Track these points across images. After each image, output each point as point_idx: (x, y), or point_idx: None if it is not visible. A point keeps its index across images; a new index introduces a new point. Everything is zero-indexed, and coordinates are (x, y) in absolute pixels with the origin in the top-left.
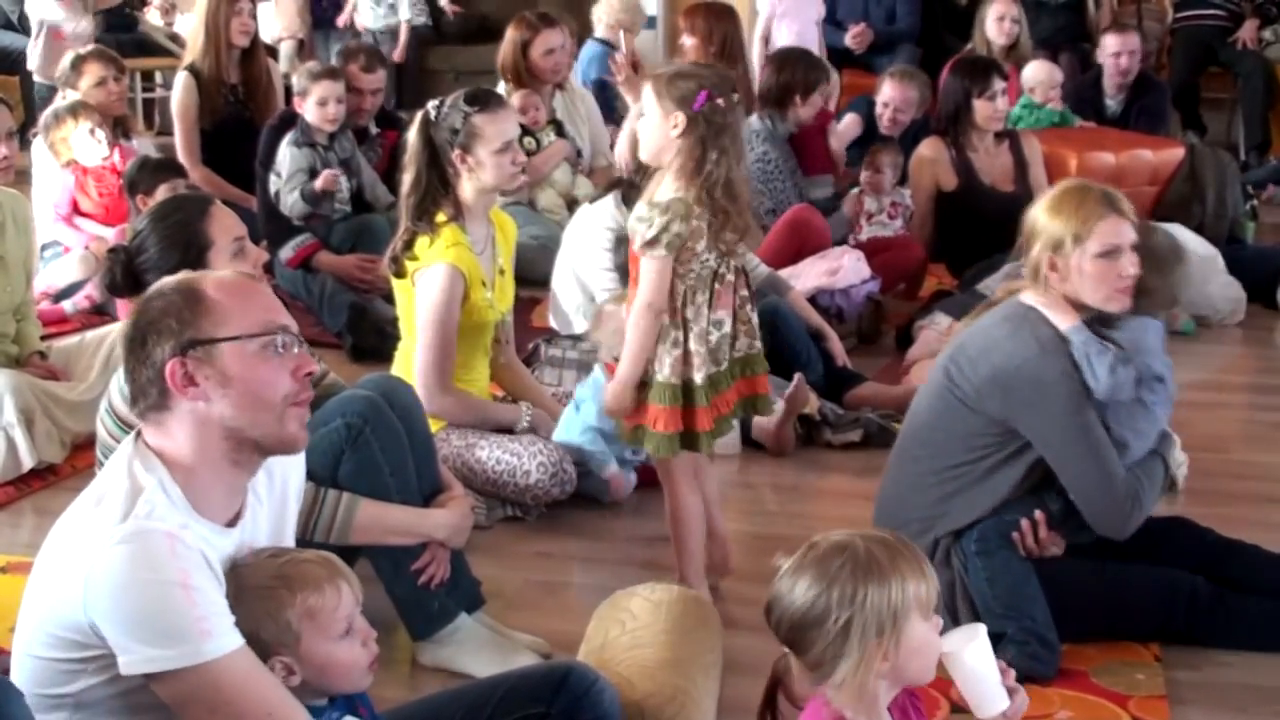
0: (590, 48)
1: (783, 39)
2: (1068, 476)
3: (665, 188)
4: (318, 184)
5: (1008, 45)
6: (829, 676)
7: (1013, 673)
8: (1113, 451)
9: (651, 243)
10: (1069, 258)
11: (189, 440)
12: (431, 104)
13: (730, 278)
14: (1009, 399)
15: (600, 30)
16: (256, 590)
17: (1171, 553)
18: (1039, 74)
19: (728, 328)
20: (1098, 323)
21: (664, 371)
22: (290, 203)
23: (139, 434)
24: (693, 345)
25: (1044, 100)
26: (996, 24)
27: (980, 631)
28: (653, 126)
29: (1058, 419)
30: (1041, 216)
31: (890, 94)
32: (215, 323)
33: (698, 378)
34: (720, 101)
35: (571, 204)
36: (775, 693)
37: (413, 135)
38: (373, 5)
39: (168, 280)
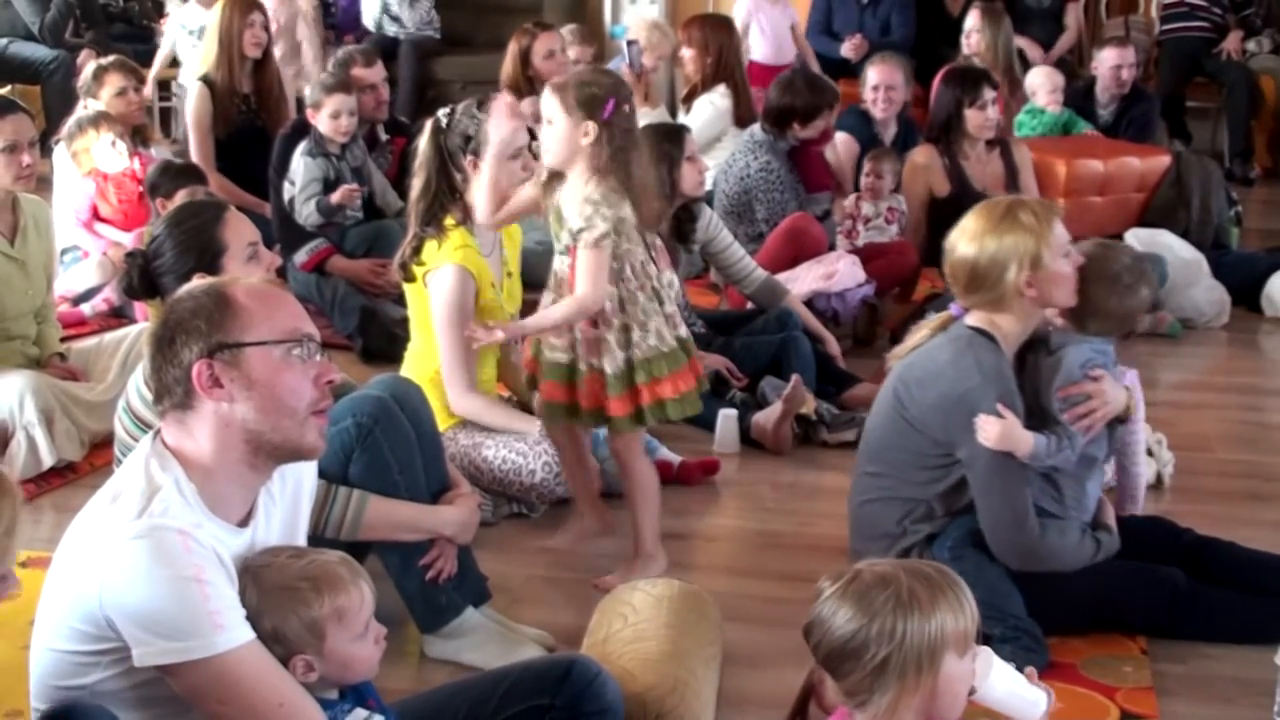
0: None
1: (757, 49)
2: (981, 506)
3: (585, 187)
4: (335, 198)
5: (975, 55)
6: (864, 707)
7: (1032, 671)
8: (1028, 501)
9: (603, 236)
10: (1046, 269)
11: (209, 440)
12: (442, 111)
13: (653, 254)
14: (948, 423)
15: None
16: (283, 590)
17: (1149, 550)
18: (1038, 79)
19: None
20: (1038, 347)
21: (658, 339)
22: (306, 214)
23: (157, 433)
24: (668, 308)
25: (1046, 104)
26: (964, 37)
27: (989, 655)
28: (562, 135)
29: (984, 449)
30: (992, 243)
31: (878, 76)
32: (242, 327)
33: (681, 332)
34: (626, 107)
35: None
36: (808, 699)
37: (423, 142)
38: (374, 12)
39: (198, 284)
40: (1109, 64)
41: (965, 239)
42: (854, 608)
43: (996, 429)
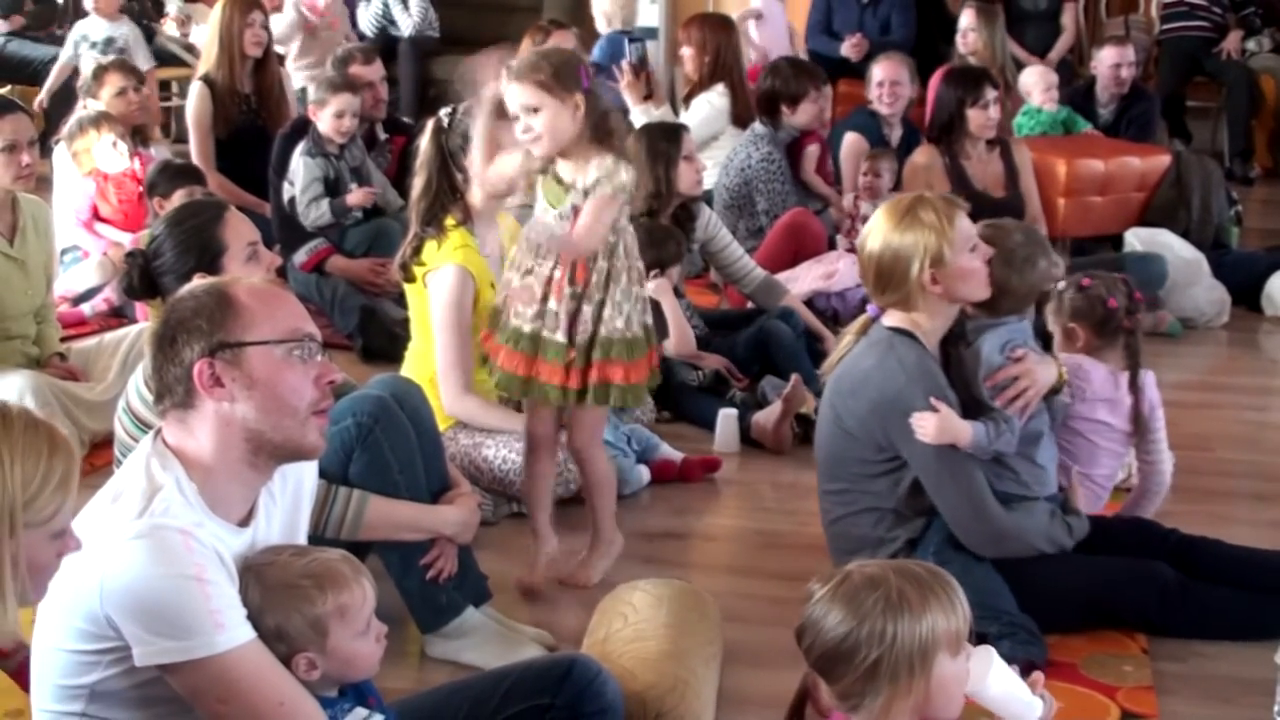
0: (613, 40)
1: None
2: (939, 503)
3: (593, 156)
4: (351, 200)
5: (970, 54)
6: (857, 710)
7: (1039, 678)
8: (983, 488)
9: (620, 189)
10: (949, 265)
11: (210, 440)
12: (444, 111)
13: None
14: (887, 427)
15: (610, 26)
16: (286, 588)
17: (1137, 553)
18: (1031, 78)
19: None
20: (958, 340)
21: (626, 324)
22: (315, 215)
23: (158, 433)
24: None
25: (1041, 103)
26: (959, 36)
27: (991, 655)
28: (553, 118)
29: (928, 446)
30: (895, 240)
31: (883, 72)
32: (244, 326)
33: (649, 318)
34: (590, 70)
35: None
36: (804, 703)
37: (425, 141)
38: (373, 18)
39: (199, 283)
40: (1108, 63)
41: (871, 237)
42: (844, 610)
43: (933, 424)
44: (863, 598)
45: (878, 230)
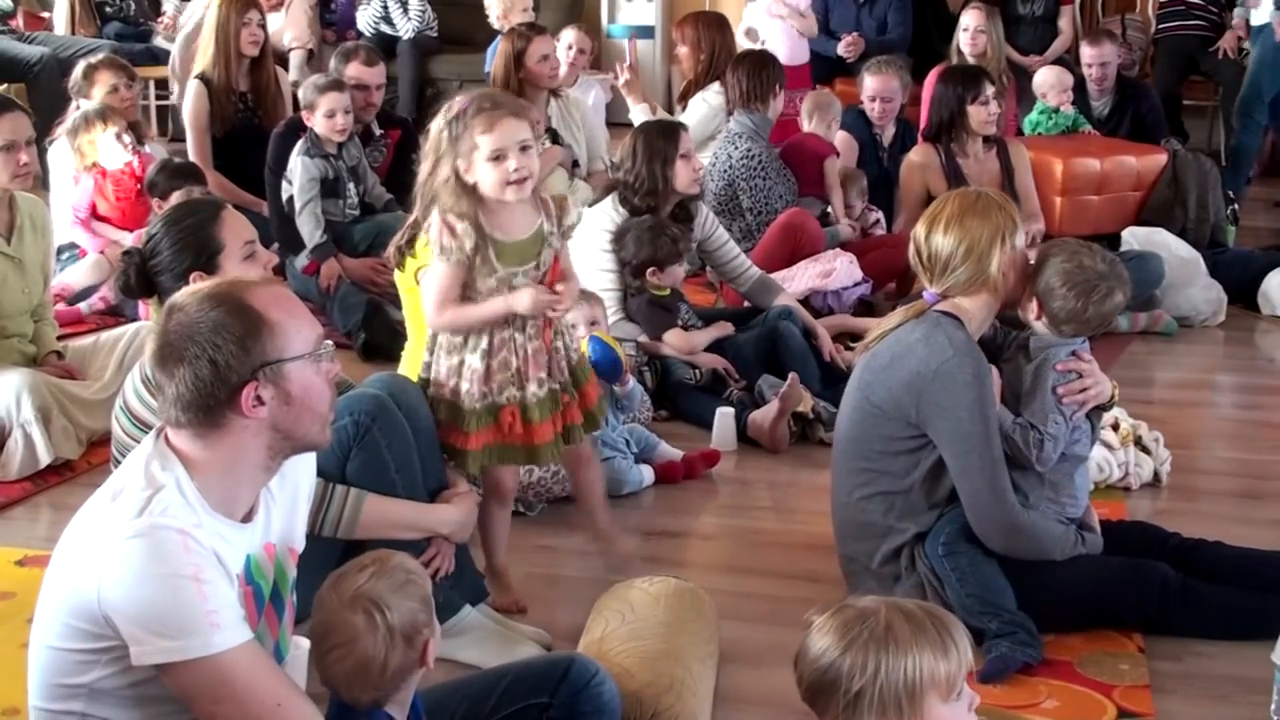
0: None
1: (775, 41)
2: (960, 485)
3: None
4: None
5: (976, 55)
6: None
7: None
8: (1005, 477)
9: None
10: (1018, 250)
11: (230, 450)
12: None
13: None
14: (921, 401)
15: (498, 24)
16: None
17: (1137, 554)
18: (1048, 78)
19: None
20: (1018, 354)
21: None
22: (308, 230)
23: (160, 433)
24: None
25: (1057, 104)
26: (964, 35)
27: None
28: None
29: (962, 423)
30: (973, 224)
31: (873, 86)
32: (280, 345)
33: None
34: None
35: None
36: None
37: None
38: (371, 18)
39: (213, 298)
40: (1085, 61)
41: (941, 225)
42: (831, 639)
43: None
44: (851, 628)
45: (948, 218)
